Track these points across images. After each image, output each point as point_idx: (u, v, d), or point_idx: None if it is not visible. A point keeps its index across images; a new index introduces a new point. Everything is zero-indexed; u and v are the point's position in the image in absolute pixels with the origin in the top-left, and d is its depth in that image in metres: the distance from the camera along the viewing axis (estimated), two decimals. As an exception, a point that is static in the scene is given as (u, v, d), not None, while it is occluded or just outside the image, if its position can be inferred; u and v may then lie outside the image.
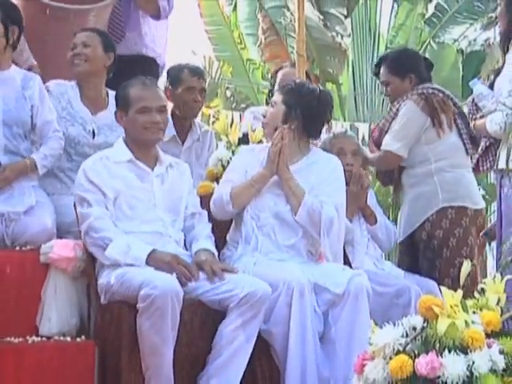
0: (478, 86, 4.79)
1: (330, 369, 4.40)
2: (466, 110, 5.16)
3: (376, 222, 5.26)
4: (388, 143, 5.27)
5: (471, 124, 4.92)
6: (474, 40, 14.04)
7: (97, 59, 5.36)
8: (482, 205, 5.26)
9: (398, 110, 5.30)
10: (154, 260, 4.32)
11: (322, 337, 4.47)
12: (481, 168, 4.84)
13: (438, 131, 5.17)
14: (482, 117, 4.76)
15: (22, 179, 4.94)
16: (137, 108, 4.57)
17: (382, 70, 5.53)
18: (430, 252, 5.13)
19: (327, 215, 4.64)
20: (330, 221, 4.64)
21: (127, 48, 6.17)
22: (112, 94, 5.11)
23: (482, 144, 4.81)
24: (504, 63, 4.66)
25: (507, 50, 4.62)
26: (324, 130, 5.18)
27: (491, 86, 4.77)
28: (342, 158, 5.20)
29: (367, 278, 4.56)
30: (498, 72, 4.71)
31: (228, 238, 4.80)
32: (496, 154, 4.62)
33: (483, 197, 12.69)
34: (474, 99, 4.82)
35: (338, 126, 10.99)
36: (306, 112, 4.73)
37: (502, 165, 4.48)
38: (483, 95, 4.71)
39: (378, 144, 5.42)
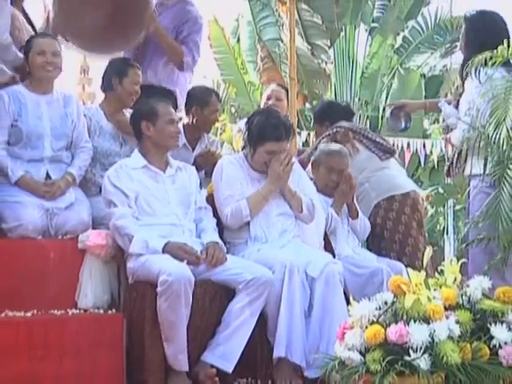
0: (446, 107, 4.83)
1: (309, 339, 4.39)
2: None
3: (357, 216, 5.26)
4: None
5: (445, 137, 4.95)
6: (434, 66, 14.05)
7: None
8: (408, 188, 5.43)
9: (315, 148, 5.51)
10: (168, 250, 4.33)
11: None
12: (451, 173, 4.86)
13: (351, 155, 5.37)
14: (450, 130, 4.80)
15: None
16: (166, 120, 4.61)
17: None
18: (376, 237, 5.31)
19: (316, 206, 4.80)
20: (317, 209, 4.82)
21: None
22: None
23: (452, 153, 4.84)
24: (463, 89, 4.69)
25: (465, 78, 4.62)
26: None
27: (456, 107, 4.81)
28: (329, 174, 5.21)
29: (341, 265, 4.58)
30: (460, 95, 4.72)
31: (229, 238, 4.75)
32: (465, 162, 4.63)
33: (441, 194, 12.70)
34: (443, 118, 4.87)
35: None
36: None
37: (467, 170, 4.52)
38: (450, 114, 4.74)
39: None
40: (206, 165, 5.43)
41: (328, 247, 4.97)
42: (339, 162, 5.26)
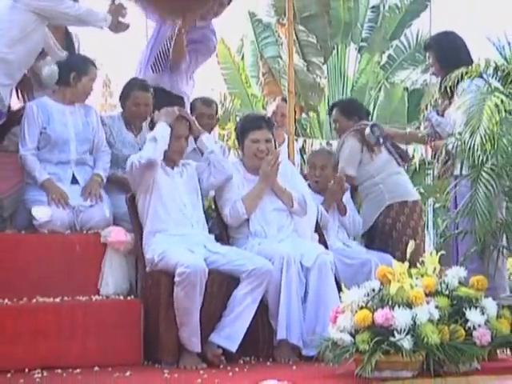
0: (435, 117, 4.78)
1: (305, 322, 4.38)
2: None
3: (346, 213, 5.24)
4: (342, 168, 5.35)
5: (432, 143, 4.92)
6: (416, 80, 14.01)
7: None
8: (417, 197, 5.40)
9: (343, 142, 5.43)
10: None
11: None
12: (441, 175, 4.83)
13: (371, 155, 5.31)
14: (437, 138, 4.76)
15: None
16: (175, 136, 4.60)
17: (334, 112, 5.64)
18: (384, 235, 5.20)
19: (307, 200, 4.76)
20: (308, 203, 4.76)
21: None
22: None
23: (443, 158, 4.79)
24: (450, 102, 4.65)
25: (451, 92, 4.58)
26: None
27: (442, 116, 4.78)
28: (313, 171, 5.24)
29: (332, 256, 4.58)
30: (444, 109, 4.71)
31: (232, 234, 4.74)
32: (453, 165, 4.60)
33: (422, 194, 12.71)
34: (433, 126, 4.80)
35: (317, 142, 11.04)
36: None
37: (456, 171, 4.51)
38: (441, 122, 4.70)
39: None
40: None
41: (321, 240, 4.96)
42: (320, 158, 5.33)
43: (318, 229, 5.01)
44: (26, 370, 3.94)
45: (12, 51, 4.77)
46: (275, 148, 4.84)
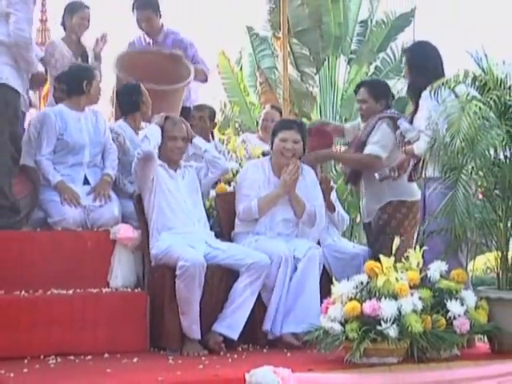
0: (404, 124, 4.71)
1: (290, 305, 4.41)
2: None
3: (334, 210, 5.23)
4: (373, 149, 4.89)
5: (401, 149, 4.79)
6: (401, 89, 14.00)
7: None
8: (416, 197, 4.91)
9: (374, 126, 4.96)
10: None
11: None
12: (413, 178, 4.75)
13: (399, 148, 4.75)
14: (407, 143, 4.68)
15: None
16: (169, 136, 4.61)
17: (361, 91, 5.14)
18: (377, 229, 4.95)
19: (319, 214, 4.69)
20: (319, 218, 4.69)
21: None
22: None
23: (412, 162, 4.73)
24: (416, 108, 4.60)
25: (418, 98, 4.55)
26: None
27: (410, 123, 4.70)
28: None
29: (321, 250, 4.59)
30: (413, 114, 4.65)
31: (238, 225, 4.71)
32: (422, 168, 4.54)
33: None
34: (401, 132, 4.72)
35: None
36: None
37: (428, 174, 4.46)
38: (409, 129, 4.64)
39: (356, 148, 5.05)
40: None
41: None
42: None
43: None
44: (42, 357, 3.94)
45: None
46: (303, 151, 4.75)
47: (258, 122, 7.10)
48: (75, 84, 4.98)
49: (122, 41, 6.27)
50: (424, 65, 4.53)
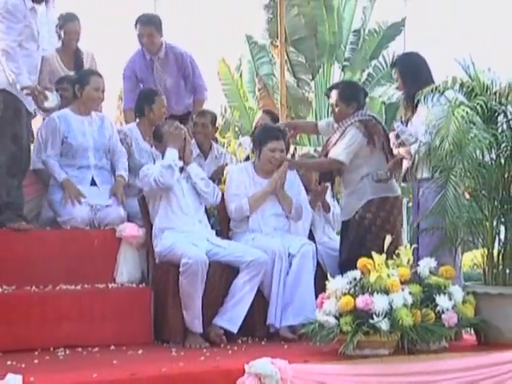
0: (401, 127, 4.66)
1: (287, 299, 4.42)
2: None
3: (330, 211, 5.23)
4: (336, 153, 4.72)
5: (395, 150, 4.73)
6: (392, 95, 14.03)
7: None
8: (398, 192, 4.82)
9: (344, 132, 4.77)
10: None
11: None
12: (407, 178, 4.71)
13: (372, 149, 4.70)
14: (400, 145, 4.64)
15: (105, 185, 4.94)
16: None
17: (332, 94, 4.93)
18: (362, 229, 4.68)
19: (304, 207, 4.75)
20: (305, 210, 4.75)
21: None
22: None
23: (406, 163, 4.66)
24: (413, 114, 4.58)
25: (415, 106, 4.52)
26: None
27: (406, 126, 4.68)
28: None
29: (315, 246, 4.59)
30: (407, 120, 4.64)
31: (233, 227, 4.73)
32: (416, 169, 4.51)
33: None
34: (397, 134, 4.67)
35: (304, 149, 11.03)
36: None
37: (419, 175, 4.46)
38: (405, 132, 4.60)
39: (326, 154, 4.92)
40: (217, 177, 5.37)
41: (310, 235, 4.95)
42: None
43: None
44: (51, 349, 3.95)
45: None
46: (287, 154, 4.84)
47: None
48: (72, 89, 5.01)
49: (122, 41, 6.20)
50: (416, 72, 4.52)
